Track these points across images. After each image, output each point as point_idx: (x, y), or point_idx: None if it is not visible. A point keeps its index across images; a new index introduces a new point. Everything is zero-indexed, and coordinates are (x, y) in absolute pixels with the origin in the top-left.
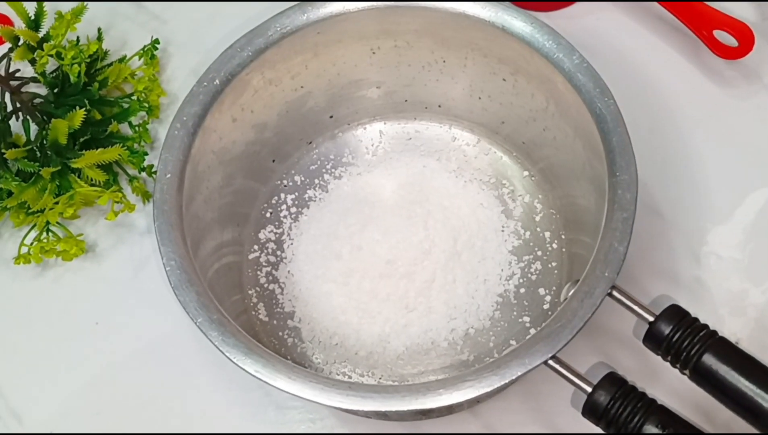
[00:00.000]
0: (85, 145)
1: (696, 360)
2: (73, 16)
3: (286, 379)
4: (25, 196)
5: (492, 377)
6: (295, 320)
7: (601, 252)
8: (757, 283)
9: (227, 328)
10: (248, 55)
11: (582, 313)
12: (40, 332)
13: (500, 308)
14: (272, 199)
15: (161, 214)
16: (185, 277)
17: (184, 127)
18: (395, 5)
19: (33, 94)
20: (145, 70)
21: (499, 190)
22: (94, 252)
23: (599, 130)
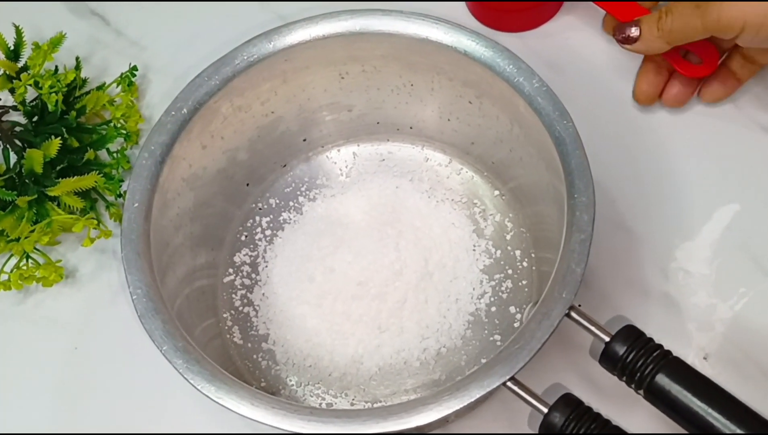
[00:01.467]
0: (62, 173)
1: (650, 380)
2: (51, 46)
3: (249, 406)
4: (3, 224)
5: (452, 400)
6: (269, 343)
7: (559, 273)
8: (724, 299)
9: (192, 356)
10: (216, 83)
11: (540, 334)
12: (20, 357)
13: (472, 327)
14: (247, 222)
15: (128, 243)
16: (151, 305)
17: (152, 156)
18: (360, 32)
19: (13, 123)
20: (124, 97)
21: (470, 209)
22: (74, 277)
23: (558, 153)
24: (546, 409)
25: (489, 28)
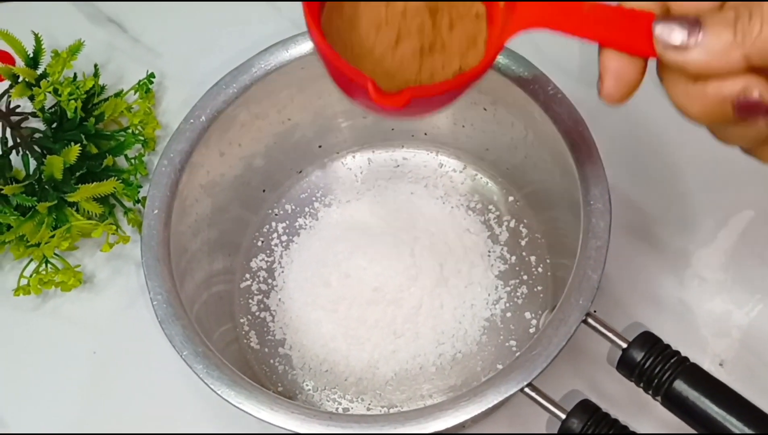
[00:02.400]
0: (81, 179)
1: (667, 386)
2: (69, 54)
3: (269, 411)
4: (23, 229)
5: (469, 405)
6: (285, 348)
7: (575, 280)
8: (740, 305)
9: (212, 361)
10: (233, 91)
11: (557, 340)
12: (39, 362)
13: (487, 332)
14: (263, 227)
15: (148, 250)
16: (171, 310)
17: (171, 163)
18: None
19: (32, 130)
20: (141, 104)
21: (485, 215)
22: (92, 283)
23: (574, 160)
24: (564, 415)
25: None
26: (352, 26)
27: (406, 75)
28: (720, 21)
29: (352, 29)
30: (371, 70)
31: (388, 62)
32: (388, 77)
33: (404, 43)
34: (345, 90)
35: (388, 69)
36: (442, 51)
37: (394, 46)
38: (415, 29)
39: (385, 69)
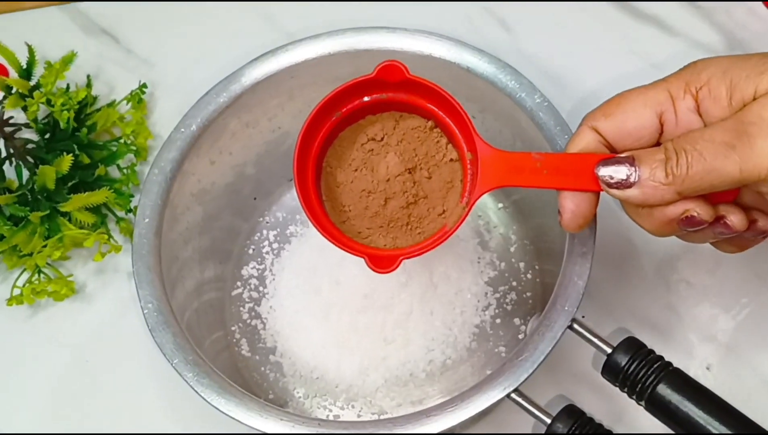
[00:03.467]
0: (73, 189)
1: (650, 391)
2: (62, 64)
3: (258, 418)
4: (16, 239)
5: (457, 411)
6: (276, 355)
7: (561, 286)
8: (726, 309)
9: (202, 369)
10: (224, 100)
11: (542, 347)
12: (32, 371)
13: (477, 339)
14: (254, 235)
15: (139, 259)
16: (162, 319)
17: (162, 172)
18: (365, 49)
19: (26, 140)
20: (133, 114)
21: (475, 222)
22: (84, 292)
23: None
24: (549, 420)
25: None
26: (346, 191)
27: (398, 224)
28: (652, 162)
29: (347, 193)
30: (368, 226)
31: (381, 218)
32: (383, 229)
33: (392, 202)
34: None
35: (381, 223)
36: (426, 199)
37: (384, 205)
38: (399, 189)
39: (379, 223)
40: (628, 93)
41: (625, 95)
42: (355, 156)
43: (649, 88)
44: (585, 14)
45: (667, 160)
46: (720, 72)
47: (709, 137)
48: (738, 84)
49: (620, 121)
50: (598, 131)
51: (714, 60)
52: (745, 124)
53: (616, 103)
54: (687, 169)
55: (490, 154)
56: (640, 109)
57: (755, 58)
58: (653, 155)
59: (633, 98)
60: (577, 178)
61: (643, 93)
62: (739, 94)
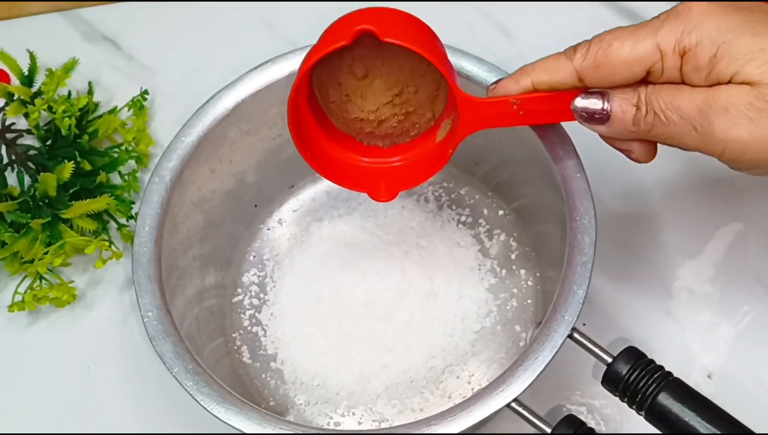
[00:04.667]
0: (75, 196)
1: (651, 400)
2: (64, 71)
3: (258, 427)
4: (17, 246)
5: (456, 420)
6: (277, 362)
7: (561, 295)
8: (727, 317)
9: (202, 377)
10: (224, 109)
11: (542, 356)
12: (33, 377)
13: (477, 346)
14: (255, 242)
15: (139, 267)
16: (162, 328)
17: (162, 181)
18: None
19: (27, 147)
20: (135, 121)
21: (475, 229)
22: (86, 298)
23: (560, 175)
24: (549, 430)
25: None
26: (340, 110)
27: (395, 133)
28: (626, 106)
29: (340, 113)
30: (368, 134)
31: (379, 131)
32: (382, 137)
33: (384, 123)
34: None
35: (379, 134)
36: (415, 111)
37: (378, 126)
38: (389, 113)
39: (378, 134)
40: (617, 43)
41: (615, 47)
42: (343, 81)
43: (639, 38)
44: (585, 19)
45: (637, 109)
46: (709, 41)
47: (677, 108)
48: (721, 61)
49: (608, 74)
50: (581, 77)
51: (708, 18)
52: (713, 108)
53: (604, 54)
54: (651, 128)
55: (470, 102)
56: (630, 65)
57: (747, 37)
58: (628, 100)
59: (624, 52)
60: (554, 114)
61: (633, 46)
62: (716, 73)
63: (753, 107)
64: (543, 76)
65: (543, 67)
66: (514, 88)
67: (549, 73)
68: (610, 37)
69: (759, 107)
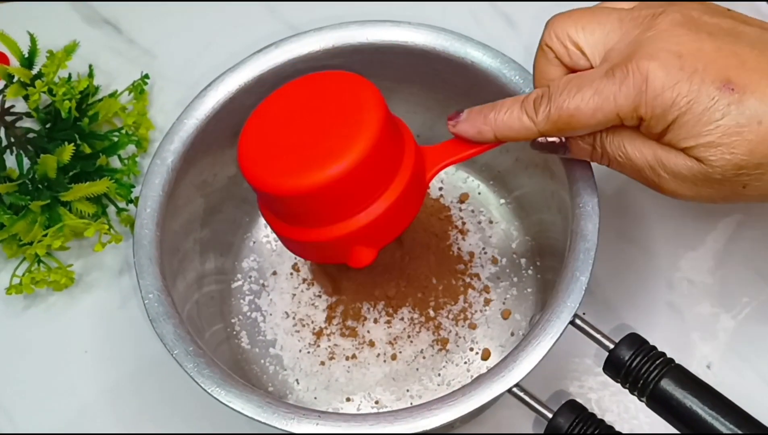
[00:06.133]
0: (74, 179)
1: (653, 387)
2: (64, 54)
3: (257, 409)
4: (16, 228)
5: (457, 405)
6: (276, 348)
7: (564, 281)
8: (728, 308)
9: (202, 359)
10: (226, 92)
11: (544, 342)
12: (31, 360)
13: (478, 334)
14: (255, 228)
15: (140, 249)
16: (162, 309)
17: (164, 163)
18: (369, 42)
19: (27, 129)
20: (135, 105)
21: (477, 217)
22: (84, 282)
23: (563, 162)
24: (550, 415)
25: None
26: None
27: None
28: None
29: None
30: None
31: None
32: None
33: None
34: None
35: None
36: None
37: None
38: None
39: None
40: (577, 105)
41: (576, 110)
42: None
43: (599, 102)
44: None
45: (593, 150)
46: (664, 112)
47: (629, 158)
48: (677, 131)
49: (570, 132)
50: (543, 133)
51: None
52: (662, 168)
53: (566, 119)
54: (608, 164)
55: (429, 153)
56: (590, 127)
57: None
58: (585, 141)
59: (584, 118)
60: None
61: (593, 113)
62: (670, 139)
63: (700, 180)
64: (507, 133)
65: (505, 123)
66: (477, 138)
67: (512, 131)
68: (568, 97)
69: (705, 180)
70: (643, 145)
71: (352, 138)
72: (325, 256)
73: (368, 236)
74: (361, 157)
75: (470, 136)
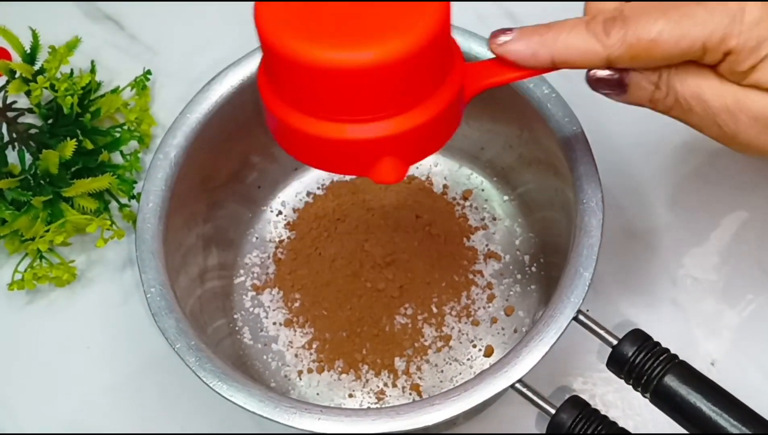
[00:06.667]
0: (76, 174)
1: (656, 383)
2: (66, 50)
3: (259, 403)
4: (18, 224)
5: (460, 401)
6: (279, 344)
7: (567, 277)
8: (732, 305)
9: (204, 354)
10: (230, 87)
11: (548, 337)
12: (33, 356)
13: (481, 331)
14: (258, 224)
15: (143, 243)
16: (165, 304)
17: (167, 157)
18: None
19: (28, 125)
20: (137, 101)
21: (480, 214)
22: (86, 278)
23: (567, 158)
24: (553, 411)
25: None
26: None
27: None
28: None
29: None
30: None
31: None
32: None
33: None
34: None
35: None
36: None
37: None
38: None
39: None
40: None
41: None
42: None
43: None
44: None
45: (656, 89)
46: (757, 45)
47: (703, 100)
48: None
49: (644, 64)
50: (612, 62)
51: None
52: (743, 112)
53: (645, 47)
54: (669, 110)
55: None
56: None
57: None
58: (647, 77)
59: (666, 46)
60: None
61: (677, 41)
62: (755, 79)
63: None
64: (568, 57)
65: (567, 45)
66: (530, 62)
67: (575, 54)
68: (650, 21)
69: None
70: (722, 86)
71: (414, 18)
72: (343, 162)
73: (401, 147)
74: (425, 38)
75: (522, 58)
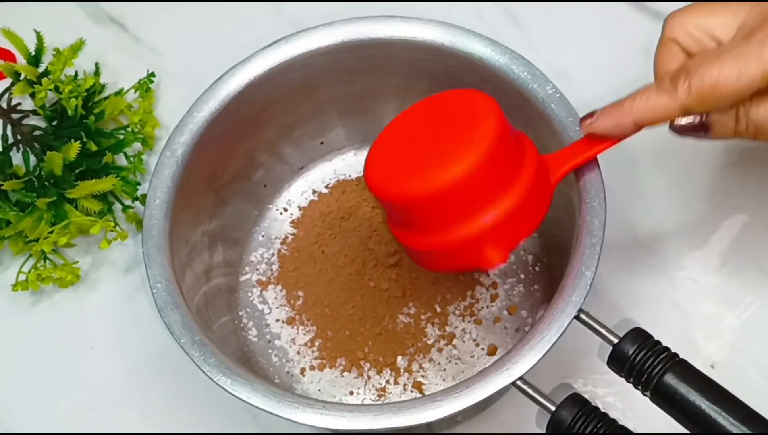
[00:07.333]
0: (80, 176)
1: (656, 381)
2: (71, 52)
3: (263, 398)
4: (22, 225)
5: (461, 397)
6: (282, 340)
7: (569, 276)
8: (732, 307)
9: (209, 349)
10: (237, 86)
11: (549, 335)
12: (37, 357)
13: (483, 330)
14: (264, 221)
15: (149, 239)
16: (170, 299)
17: (173, 155)
18: (377, 38)
19: (33, 127)
20: (141, 103)
21: None
22: (90, 278)
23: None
24: (554, 408)
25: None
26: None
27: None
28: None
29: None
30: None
31: None
32: None
33: None
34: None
35: None
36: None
37: None
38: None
39: None
40: (719, 72)
41: (719, 78)
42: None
43: (743, 65)
44: (596, 11)
45: (737, 123)
46: None
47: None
48: None
49: (714, 105)
50: (686, 110)
51: None
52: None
53: (711, 89)
54: (755, 136)
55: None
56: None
57: None
58: (726, 115)
59: (730, 84)
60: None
61: (738, 77)
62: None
63: None
64: (647, 115)
65: (644, 107)
66: (615, 131)
67: (652, 111)
68: (708, 67)
69: None
70: None
71: (471, 140)
72: (458, 262)
73: (497, 236)
74: (482, 155)
75: (608, 129)
